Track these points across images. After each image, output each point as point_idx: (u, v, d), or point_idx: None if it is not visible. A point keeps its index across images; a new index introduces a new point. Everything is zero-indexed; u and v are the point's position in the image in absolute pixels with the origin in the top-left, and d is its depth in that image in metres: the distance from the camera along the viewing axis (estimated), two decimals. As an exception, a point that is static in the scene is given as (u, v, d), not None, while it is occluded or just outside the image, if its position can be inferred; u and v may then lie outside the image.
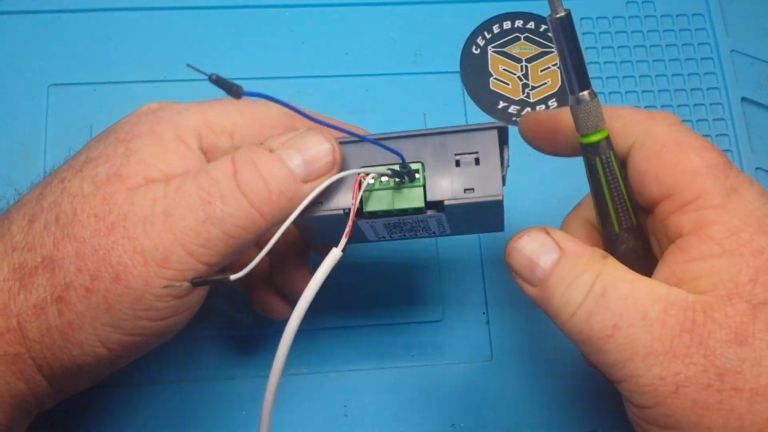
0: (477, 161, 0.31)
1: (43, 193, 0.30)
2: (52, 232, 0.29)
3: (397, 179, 0.31)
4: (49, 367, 0.29)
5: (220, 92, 0.22)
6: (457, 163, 0.31)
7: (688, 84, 0.47)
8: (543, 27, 0.48)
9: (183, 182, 0.29)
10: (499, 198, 0.30)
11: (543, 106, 0.46)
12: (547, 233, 0.30)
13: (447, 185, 0.31)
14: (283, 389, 0.39)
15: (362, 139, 0.31)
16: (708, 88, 0.47)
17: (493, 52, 0.47)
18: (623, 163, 0.31)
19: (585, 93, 0.30)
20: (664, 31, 0.48)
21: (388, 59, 0.46)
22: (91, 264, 0.28)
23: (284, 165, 0.29)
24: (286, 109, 0.26)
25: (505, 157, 0.32)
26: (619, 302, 0.27)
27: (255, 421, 0.39)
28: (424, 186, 0.31)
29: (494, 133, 0.31)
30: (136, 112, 0.32)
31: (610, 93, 0.47)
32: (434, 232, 0.33)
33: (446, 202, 0.30)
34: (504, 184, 0.31)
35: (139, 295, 0.28)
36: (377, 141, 0.30)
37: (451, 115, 0.46)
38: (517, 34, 0.47)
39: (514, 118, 0.46)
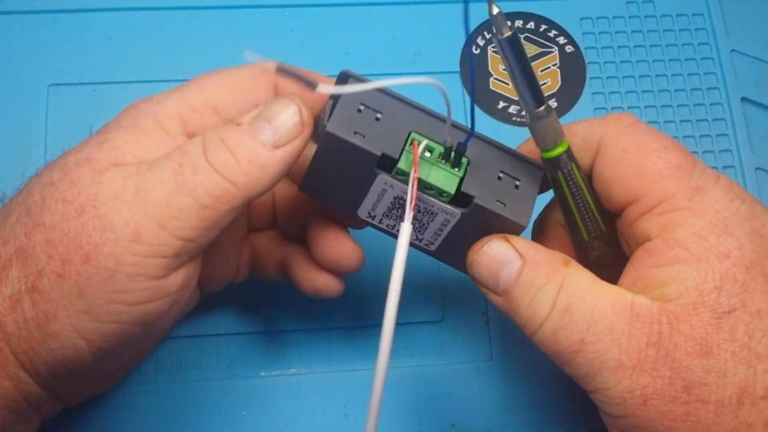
0: (517, 187, 0.31)
1: (22, 192, 0.30)
2: (23, 223, 0.28)
3: (441, 156, 0.30)
4: (31, 364, 0.28)
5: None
6: (499, 178, 0.31)
7: (688, 84, 0.47)
8: (543, 27, 0.48)
9: (155, 160, 0.28)
10: (524, 226, 0.31)
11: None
12: (507, 241, 0.30)
13: (483, 189, 0.31)
14: (283, 389, 0.39)
15: (439, 117, 0.31)
16: (708, 88, 0.47)
17: (494, 52, 0.47)
18: (589, 174, 0.31)
19: (541, 109, 0.29)
20: (664, 31, 0.48)
21: (388, 59, 0.46)
22: (61, 249, 0.27)
23: (251, 135, 0.29)
24: (263, 69, 0.28)
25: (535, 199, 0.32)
26: (584, 316, 0.28)
27: (255, 421, 0.39)
28: (463, 176, 0.31)
29: (541, 174, 0.31)
30: (122, 110, 0.31)
31: (610, 93, 0.47)
32: (423, 238, 0.33)
33: (476, 200, 0.30)
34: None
35: (111, 274, 0.27)
36: (455, 123, 0.30)
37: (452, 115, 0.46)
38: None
39: (514, 118, 0.46)
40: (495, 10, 0.27)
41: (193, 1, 0.47)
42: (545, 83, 0.47)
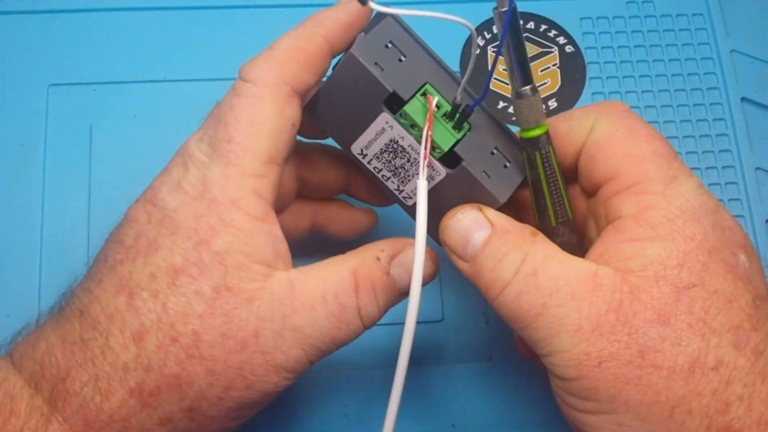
0: (506, 167, 0.32)
1: (133, 305, 0.29)
2: (172, 352, 0.28)
3: (446, 115, 0.32)
4: None
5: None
6: (492, 153, 0.32)
7: (688, 84, 0.47)
8: (543, 27, 0.48)
9: (314, 304, 0.30)
10: (500, 202, 0.32)
11: (543, 106, 0.46)
12: (480, 210, 0.31)
13: (474, 156, 0.32)
14: (283, 391, 0.39)
15: (455, 78, 0.33)
16: (708, 88, 0.47)
17: (493, 52, 0.47)
18: (577, 155, 0.32)
19: (527, 88, 0.31)
20: (664, 31, 0.48)
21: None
22: (224, 379, 0.29)
23: (395, 287, 0.32)
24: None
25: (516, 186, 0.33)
26: (548, 282, 0.29)
27: (255, 422, 0.39)
28: (460, 139, 0.32)
29: (528, 163, 0.32)
30: (181, 192, 0.30)
31: (610, 93, 0.47)
32: (403, 191, 0.34)
33: (464, 163, 0.32)
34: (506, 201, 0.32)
35: (269, 394, 0.30)
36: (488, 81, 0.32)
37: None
38: (517, 34, 0.47)
39: (514, 118, 0.46)
40: None
41: (193, 1, 0.47)
42: (545, 83, 0.47)
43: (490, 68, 0.31)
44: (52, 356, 0.29)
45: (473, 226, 0.31)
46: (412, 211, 0.34)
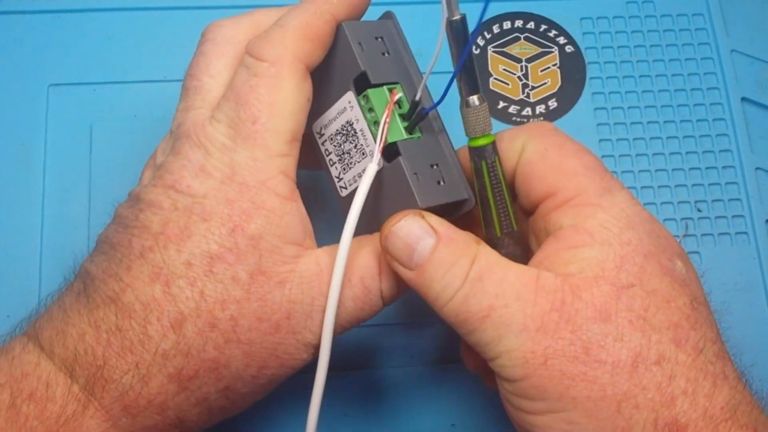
0: (438, 183, 0.33)
1: (170, 293, 0.29)
2: (211, 338, 0.29)
3: (402, 115, 0.33)
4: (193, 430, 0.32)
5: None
6: (431, 166, 0.33)
7: (688, 84, 0.47)
8: (543, 27, 0.48)
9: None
10: (419, 206, 0.32)
11: (543, 106, 0.46)
12: (423, 217, 0.31)
13: (412, 159, 0.32)
14: (283, 389, 0.39)
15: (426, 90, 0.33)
16: (708, 88, 0.47)
17: (493, 52, 0.47)
18: (512, 177, 0.33)
19: (474, 97, 0.31)
20: (664, 31, 0.48)
21: (388, 59, 0.46)
22: (259, 359, 0.30)
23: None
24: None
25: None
26: (494, 285, 0.29)
27: (255, 422, 0.39)
28: (408, 139, 0.32)
29: (464, 197, 0.33)
30: (207, 176, 0.31)
31: (610, 93, 0.47)
32: (342, 179, 0.34)
33: (400, 158, 0.32)
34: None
35: (297, 368, 0.32)
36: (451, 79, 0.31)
37: (452, 116, 0.46)
38: (516, 34, 0.47)
39: (514, 118, 0.46)
40: None
41: (193, 1, 0.47)
42: (545, 83, 0.47)
43: (452, 74, 0.31)
44: (86, 344, 0.29)
45: (418, 233, 0.30)
46: (344, 202, 0.34)
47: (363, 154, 0.33)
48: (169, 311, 0.29)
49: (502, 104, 0.46)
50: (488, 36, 0.47)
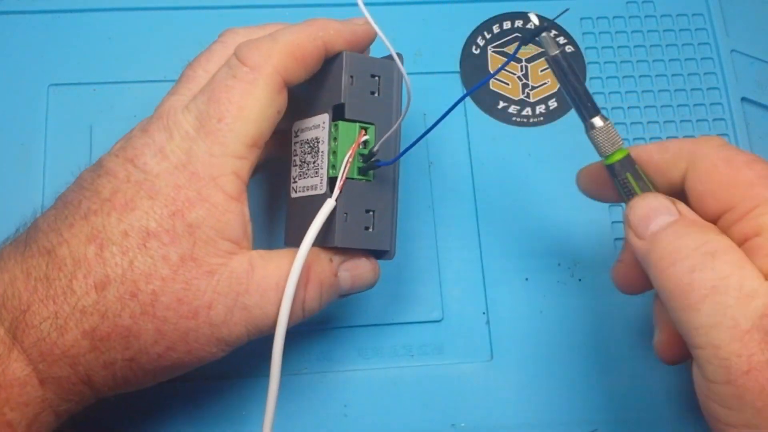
0: (366, 228, 0.34)
1: (101, 256, 0.31)
2: (128, 306, 0.30)
3: (362, 155, 0.34)
4: (100, 392, 0.32)
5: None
6: (366, 212, 0.34)
7: (688, 84, 0.47)
8: (543, 27, 0.48)
9: (267, 289, 0.32)
10: (335, 243, 0.34)
11: (543, 106, 0.46)
12: (673, 202, 0.31)
13: (349, 199, 0.34)
14: (283, 389, 0.39)
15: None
16: (708, 88, 0.47)
17: (493, 52, 0.47)
18: (681, 188, 0.32)
19: (597, 118, 0.32)
20: (664, 31, 0.48)
21: (388, 59, 0.46)
22: (168, 340, 0.31)
23: (338, 287, 0.35)
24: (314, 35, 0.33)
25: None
26: (725, 266, 0.28)
27: (255, 421, 0.39)
28: (354, 178, 0.34)
29: (381, 254, 0.36)
30: (164, 158, 0.32)
31: (609, 93, 0.47)
32: (297, 184, 0.36)
33: (336, 195, 0.33)
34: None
35: (203, 361, 0.33)
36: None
37: (452, 115, 0.46)
38: (517, 35, 0.47)
39: (514, 118, 0.46)
40: (544, 32, 0.31)
41: (193, 1, 0.47)
42: (545, 83, 0.47)
43: (420, 133, 0.33)
44: (15, 288, 0.30)
45: (661, 209, 0.30)
46: (291, 203, 0.37)
47: (316, 173, 0.35)
48: (96, 272, 0.30)
49: (502, 104, 0.46)
50: (488, 36, 0.47)
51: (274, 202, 0.42)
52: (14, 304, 0.30)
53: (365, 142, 0.34)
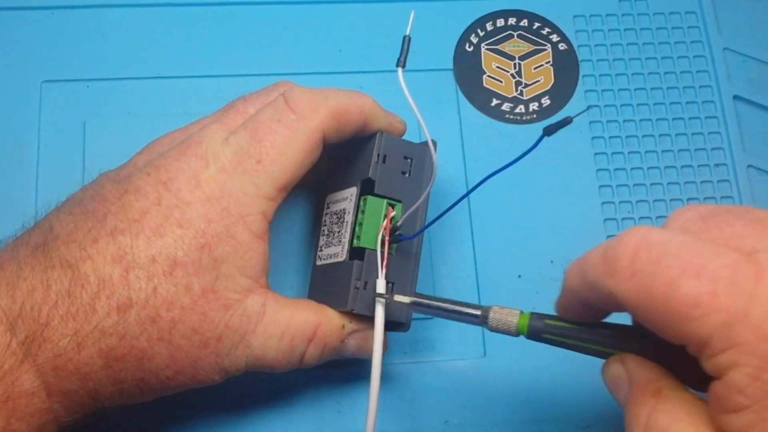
0: (384, 299, 0.35)
1: (127, 278, 0.31)
2: (147, 330, 0.31)
3: (387, 235, 0.35)
4: (104, 405, 0.33)
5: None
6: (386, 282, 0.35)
7: (680, 82, 0.47)
8: (536, 24, 0.48)
9: (272, 335, 0.34)
10: (347, 308, 0.35)
11: (536, 104, 0.46)
12: (622, 363, 0.30)
13: (369, 271, 0.35)
14: (276, 386, 0.39)
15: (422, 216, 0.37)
16: (700, 86, 0.47)
17: (487, 49, 0.47)
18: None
19: (489, 312, 0.32)
20: (657, 29, 0.48)
21: (381, 56, 0.46)
22: (178, 365, 0.32)
23: (341, 352, 0.36)
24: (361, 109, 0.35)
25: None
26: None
27: (250, 418, 0.39)
28: (375, 250, 0.35)
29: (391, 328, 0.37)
30: (197, 188, 0.32)
31: (602, 91, 0.47)
32: (322, 250, 0.38)
33: (356, 263, 0.35)
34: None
35: (203, 385, 0.34)
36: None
37: (445, 113, 0.46)
38: (510, 32, 0.48)
39: (507, 116, 0.46)
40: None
41: (187, -3, 0.47)
42: (538, 81, 0.47)
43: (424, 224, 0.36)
44: (34, 301, 0.30)
45: (619, 381, 0.30)
46: (315, 270, 0.39)
47: (339, 241, 0.36)
48: (120, 294, 0.31)
49: (495, 102, 0.46)
50: (481, 33, 0.48)
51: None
52: (33, 317, 0.30)
53: (392, 218, 0.35)
